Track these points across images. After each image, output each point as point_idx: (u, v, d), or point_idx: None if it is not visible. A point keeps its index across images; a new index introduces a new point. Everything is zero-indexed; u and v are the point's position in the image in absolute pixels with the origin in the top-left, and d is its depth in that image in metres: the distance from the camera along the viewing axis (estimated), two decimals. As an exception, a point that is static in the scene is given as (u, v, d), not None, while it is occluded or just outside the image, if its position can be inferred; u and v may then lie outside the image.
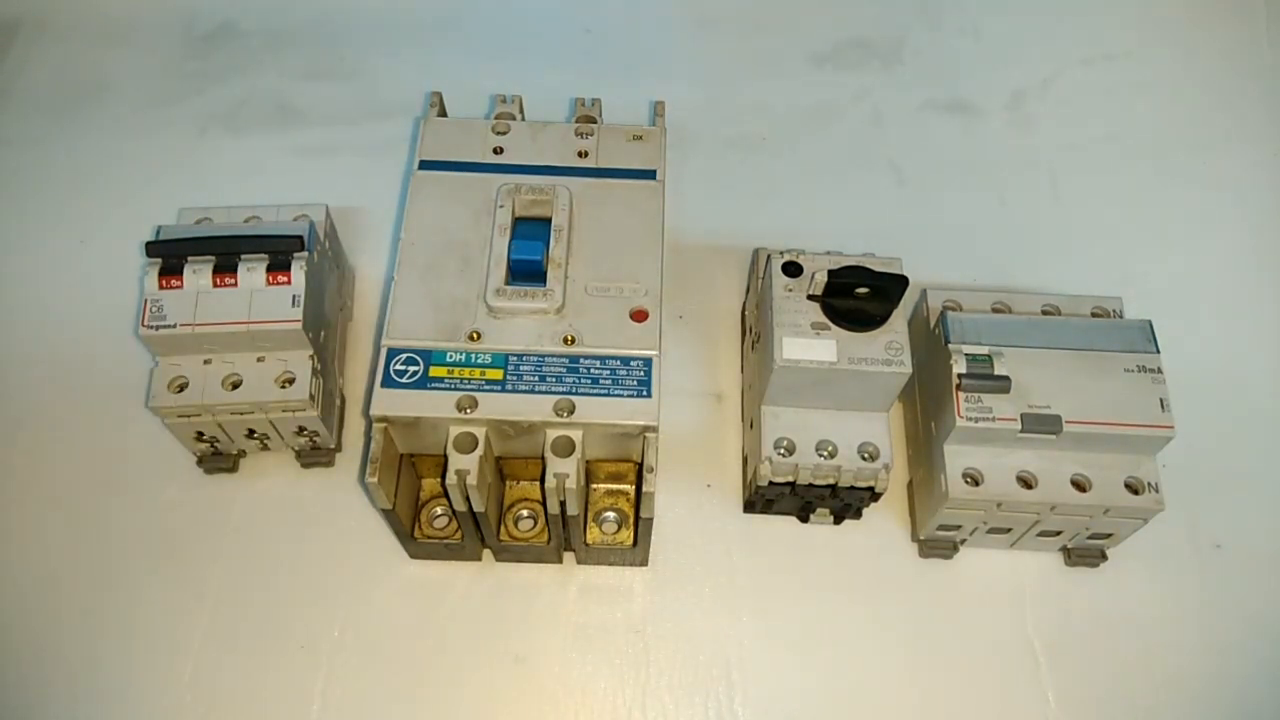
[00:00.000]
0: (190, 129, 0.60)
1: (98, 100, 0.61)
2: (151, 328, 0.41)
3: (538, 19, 0.66)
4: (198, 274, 0.42)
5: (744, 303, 0.53)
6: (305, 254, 0.43)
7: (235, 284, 0.42)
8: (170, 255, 0.42)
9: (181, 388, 0.42)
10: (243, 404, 0.42)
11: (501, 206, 0.42)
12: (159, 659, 0.43)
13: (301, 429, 0.45)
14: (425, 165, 0.45)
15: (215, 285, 0.42)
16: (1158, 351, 0.42)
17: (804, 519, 0.47)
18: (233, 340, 0.42)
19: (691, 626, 0.45)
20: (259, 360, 0.43)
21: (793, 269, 0.43)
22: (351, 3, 0.66)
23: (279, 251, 0.42)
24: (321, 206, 0.47)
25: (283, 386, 0.43)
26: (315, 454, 0.47)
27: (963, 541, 0.46)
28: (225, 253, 0.42)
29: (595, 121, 0.47)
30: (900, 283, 0.41)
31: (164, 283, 0.42)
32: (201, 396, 0.42)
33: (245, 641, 0.44)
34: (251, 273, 0.42)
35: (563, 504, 0.39)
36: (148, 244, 0.42)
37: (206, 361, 0.43)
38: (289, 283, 0.42)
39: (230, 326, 0.42)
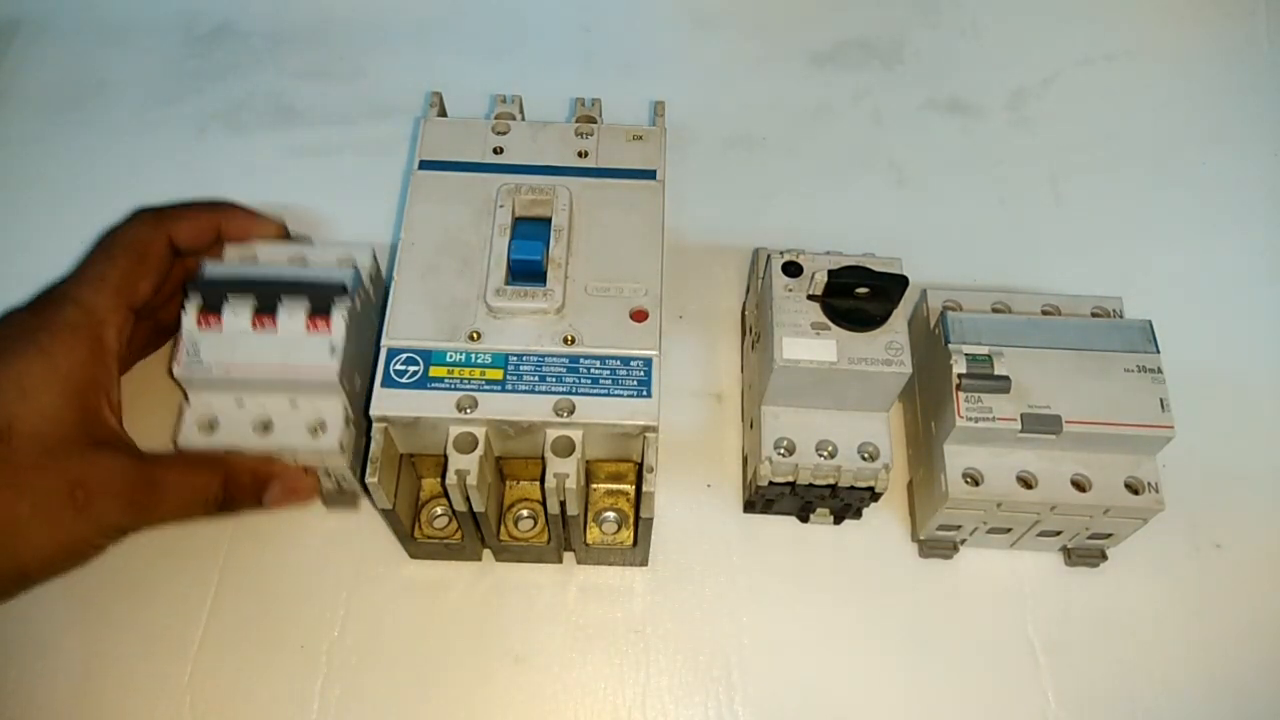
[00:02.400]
0: (190, 129, 0.60)
1: (98, 100, 0.61)
2: (187, 368, 0.41)
3: (537, 19, 0.66)
4: (237, 315, 0.41)
5: (744, 303, 0.53)
6: (347, 301, 0.41)
7: (274, 327, 0.41)
8: (212, 294, 0.41)
9: (211, 427, 0.41)
10: (271, 448, 0.41)
11: (501, 206, 0.42)
12: (158, 659, 0.43)
13: (329, 473, 0.44)
14: (425, 165, 0.45)
15: (254, 328, 0.41)
16: (1158, 351, 0.43)
17: (804, 519, 0.47)
18: (267, 385, 0.41)
19: (691, 626, 0.45)
20: (292, 405, 0.42)
21: (793, 269, 0.43)
22: (351, 3, 0.66)
23: (321, 297, 0.41)
24: (368, 247, 0.45)
25: (313, 434, 0.41)
26: (340, 496, 0.46)
27: (963, 541, 0.46)
28: (267, 295, 0.41)
29: (595, 121, 0.47)
30: (900, 283, 0.41)
31: (203, 320, 0.41)
32: (231, 438, 0.41)
33: (245, 642, 0.44)
34: (291, 318, 0.41)
35: (563, 504, 0.39)
36: (189, 282, 0.42)
37: (239, 403, 0.42)
38: (329, 330, 0.41)
39: (265, 371, 0.41)
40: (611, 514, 0.44)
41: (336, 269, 0.43)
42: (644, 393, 0.39)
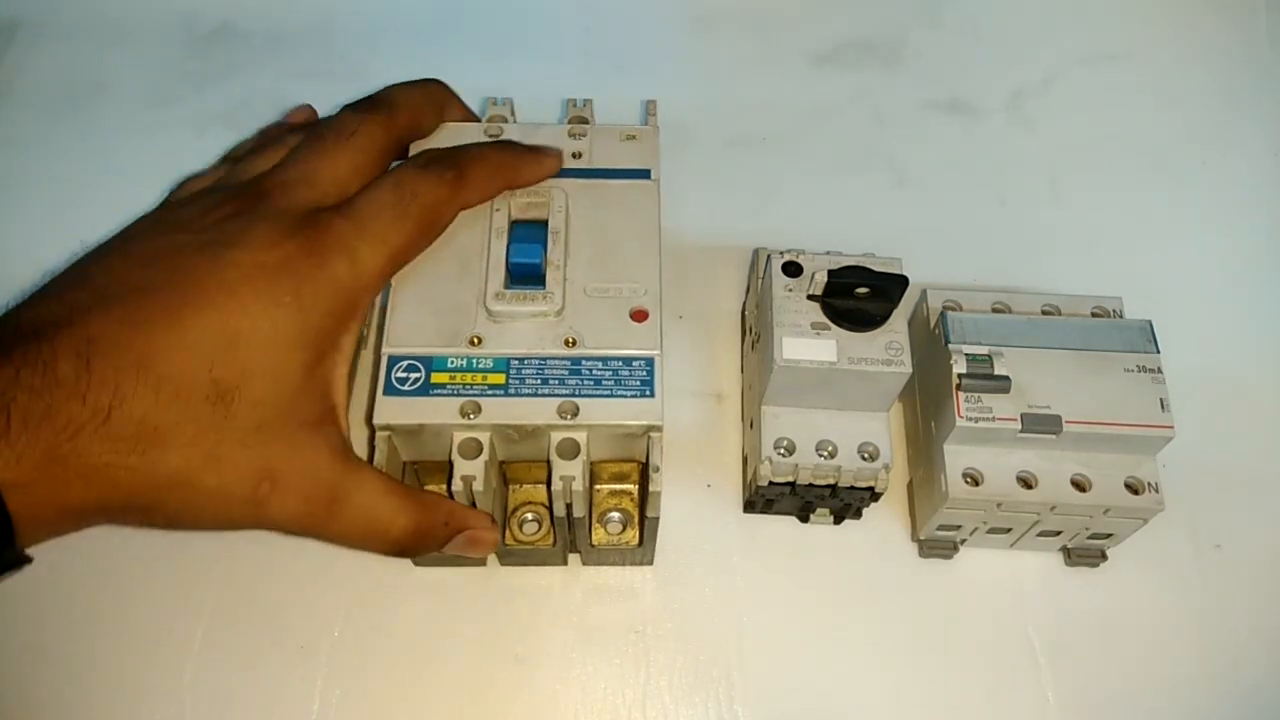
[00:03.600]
0: (190, 129, 0.60)
1: (98, 100, 0.61)
2: None
3: (538, 19, 0.66)
4: None
5: (744, 303, 0.53)
6: None
7: None
8: None
9: None
10: None
11: (497, 210, 0.42)
12: (158, 659, 0.43)
13: None
14: None
15: None
16: (1158, 351, 0.43)
17: (804, 519, 0.47)
18: None
19: (691, 627, 0.45)
20: None
21: (793, 269, 0.43)
22: (351, 3, 0.66)
23: None
24: None
25: None
26: None
27: (963, 541, 0.46)
28: None
29: (588, 122, 0.47)
30: (900, 283, 0.41)
31: None
32: None
33: (245, 642, 0.44)
34: None
35: (569, 506, 0.39)
36: None
37: None
38: None
39: None
40: (616, 514, 0.44)
41: None
42: (647, 392, 0.39)
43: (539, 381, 0.39)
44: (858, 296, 0.41)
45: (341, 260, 0.35)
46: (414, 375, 0.39)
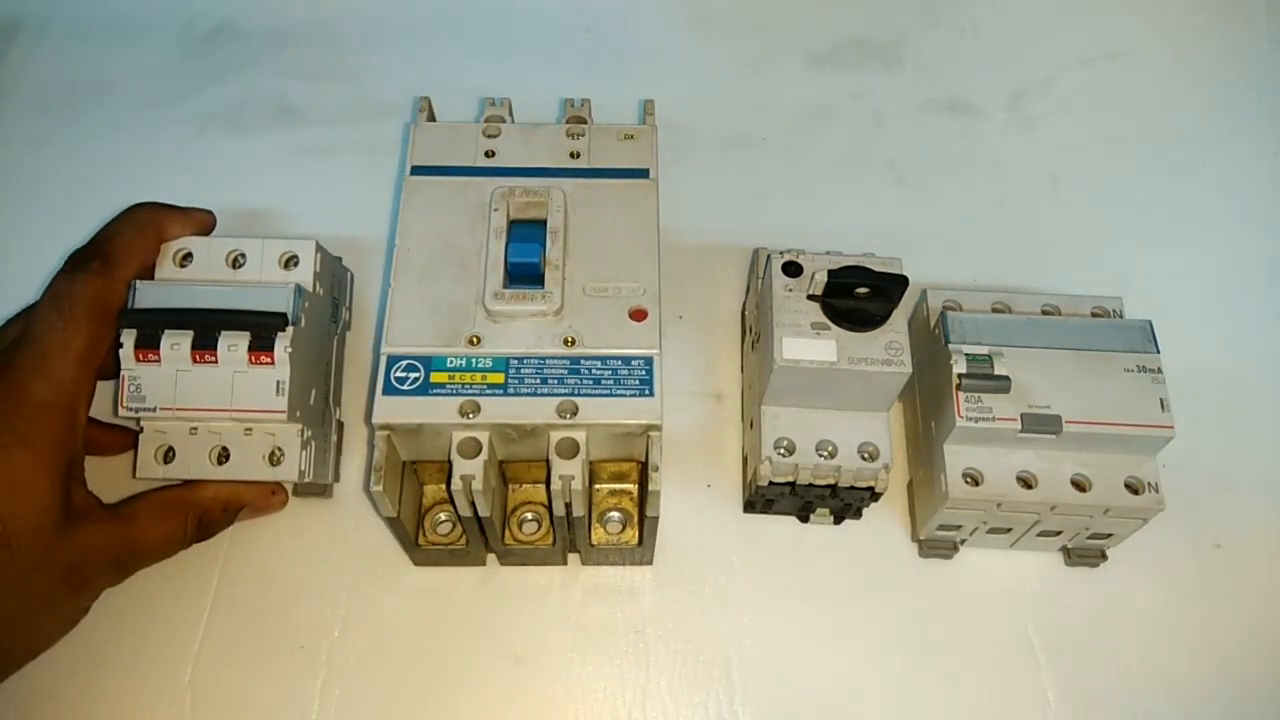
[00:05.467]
0: (190, 129, 0.60)
1: (98, 100, 0.61)
2: (131, 409, 0.40)
3: (538, 19, 0.66)
4: (176, 349, 0.39)
5: (744, 303, 0.53)
6: (290, 332, 0.40)
7: (215, 360, 0.40)
8: (146, 327, 0.40)
9: (168, 456, 0.41)
10: (230, 477, 0.41)
11: (496, 210, 0.42)
12: (158, 659, 0.43)
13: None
14: (417, 171, 0.44)
15: (195, 361, 0.40)
16: (1158, 351, 0.43)
17: (804, 519, 0.47)
18: (217, 419, 0.41)
19: (691, 626, 0.45)
20: (246, 432, 0.41)
21: (793, 269, 0.43)
22: (351, 3, 0.66)
23: (262, 329, 0.40)
24: (310, 242, 0.43)
25: (271, 462, 0.41)
26: (309, 485, 0.45)
27: (963, 541, 0.46)
28: (204, 328, 0.40)
29: (585, 122, 0.47)
30: (900, 283, 0.41)
31: (140, 355, 0.39)
32: (188, 470, 0.41)
33: (245, 642, 0.44)
34: (233, 351, 0.39)
35: (568, 505, 0.39)
36: (122, 313, 0.40)
37: (193, 430, 0.41)
38: (272, 363, 0.40)
39: (212, 412, 0.40)
40: (616, 514, 0.44)
41: (277, 289, 0.41)
42: (646, 391, 0.39)
43: (538, 381, 0.39)
44: (858, 296, 0.41)
45: (40, 385, 0.38)
46: (413, 375, 0.39)
